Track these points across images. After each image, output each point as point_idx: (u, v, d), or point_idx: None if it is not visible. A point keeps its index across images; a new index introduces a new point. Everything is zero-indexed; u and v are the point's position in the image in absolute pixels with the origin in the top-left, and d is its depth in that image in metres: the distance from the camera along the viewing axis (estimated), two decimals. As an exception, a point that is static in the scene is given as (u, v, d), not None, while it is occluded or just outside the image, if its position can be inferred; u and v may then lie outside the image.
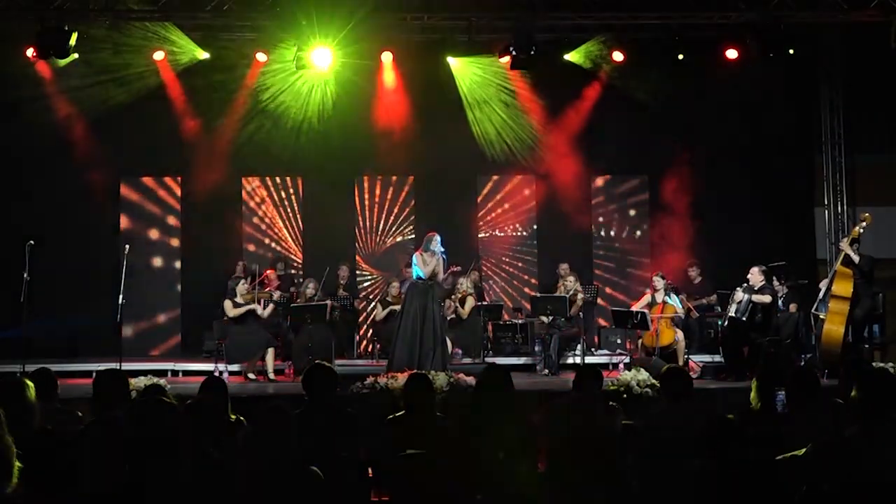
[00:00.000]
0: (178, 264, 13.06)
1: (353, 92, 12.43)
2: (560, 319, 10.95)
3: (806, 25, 11.12)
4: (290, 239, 13.30)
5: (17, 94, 11.51)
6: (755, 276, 10.05)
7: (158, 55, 11.64)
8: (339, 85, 12.32)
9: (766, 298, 9.90)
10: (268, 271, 11.57)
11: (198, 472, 3.30)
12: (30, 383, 4.18)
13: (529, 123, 12.80)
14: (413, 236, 13.11)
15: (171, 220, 13.11)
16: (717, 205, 12.67)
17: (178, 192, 13.11)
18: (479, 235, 13.35)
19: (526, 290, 13.12)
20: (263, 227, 13.26)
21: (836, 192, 12.89)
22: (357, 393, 8.58)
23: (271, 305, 10.62)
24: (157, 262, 13.04)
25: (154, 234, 13.06)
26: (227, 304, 10.39)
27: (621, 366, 10.65)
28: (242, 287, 10.53)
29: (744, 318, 9.93)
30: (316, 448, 4.09)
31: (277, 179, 13.26)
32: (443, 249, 9.83)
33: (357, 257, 13.22)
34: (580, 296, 11.32)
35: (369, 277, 13.33)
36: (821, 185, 12.99)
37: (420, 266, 9.82)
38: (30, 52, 10.74)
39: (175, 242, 13.10)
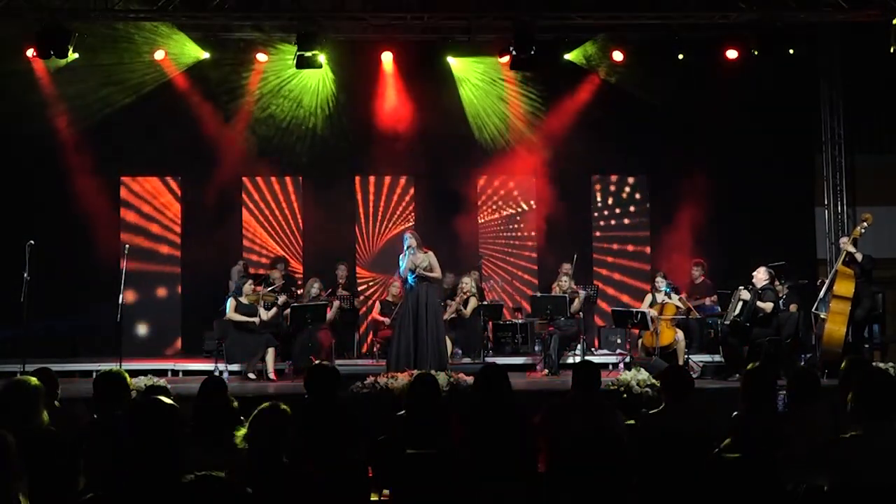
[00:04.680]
0: (177, 264, 13.05)
1: (353, 92, 12.45)
2: (560, 319, 10.95)
3: (806, 25, 11.12)
4: (289, 239, 13.29)
5: (16, 94, 11.50)
6: (760, 274, 10.04)
7: (158, 55, 11.64)
8: (339, 85, 12.33)
9: (769, 307, 9.89)
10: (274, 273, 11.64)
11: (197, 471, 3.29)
12: (36, 382, 4.17)
13: (529, 123, 12.80)
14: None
15: (171, 220, 13.09)
16: (716, 204, 12.66)
17: (178, 192, 13.10)
18: (479, 235, 13.34)
19: (527, 289, 13.11)
20: (263, 227, 13.25)
21: (836, 192, 12.89)
22: (357, 393, 8.59)
23: (274, 309, 10.61)
24: (157, 261, 13.02)
25: (154, 234, 13.04)
26: (231, 302, 10.39)
27: (621, 366, 10.66)
28: (248, 287, 10.53)
29: (748, 324, 9.93)
30: (316, 448, 4.09)
31: (277, 179, 13.26)
32: (407, 244, 9.82)
33: (356, 258, 13.21)
34: (581, 293, 11.33)
35: (369, 279, 13.32)
36: (821, 185, 12.99)
37: (401, 267, 9.86)
38: (30, 52, 10.74)
39: (175, 242, 13.09)
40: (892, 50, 10.31)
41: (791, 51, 10.88)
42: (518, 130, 12.83)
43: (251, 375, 10.35)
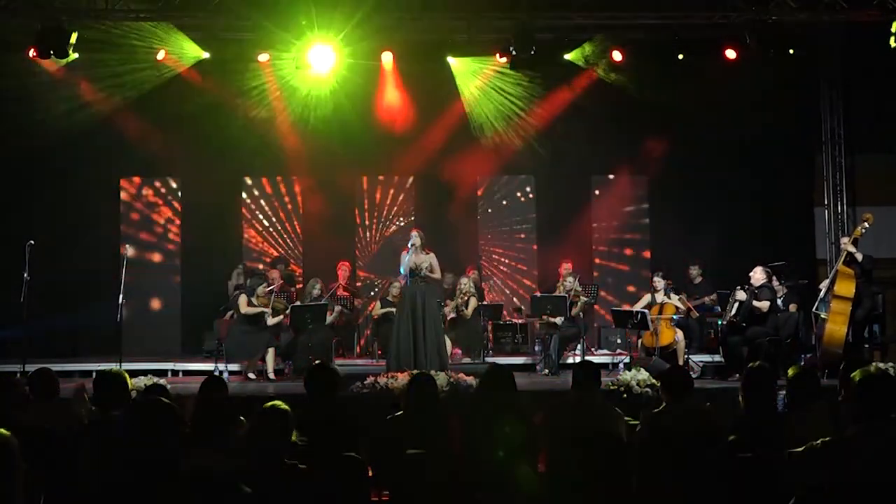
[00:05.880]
0: (177, 264, 13.06)
1: (353, 92, 12.42)
2: (560, 319, 10.94)
3: (806, 25, 11.11)
4: (289, 239, 13.29)
5: (17, 94, 11.50)
6: (757, 274, 10.06)
7: (159, 55, 11.63)
8: (339, 85, 12.31)
9: (766, 305, 9.89)
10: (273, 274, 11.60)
11: (197, 472, 3.29)
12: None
13: (529, 123, 12.79)
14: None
15: (171, 221, 13.10)
16: (716, 205, 12.67)
17: (178, 192, 13.10)
18: (480, 235, 13.34)
19: (527, 285, 13.11)
20: (263, 227, 13.26)
21: (836, 192, 12.89)
22: (357, 393, 8.59)
23: (281, 316, 10.59)
24: (157, 261, 13.03)
25: (154, 234, 13.05)
26: (243, 298, 10.38)
27: (621, 366, 10.66)
28: (262, 289, 10.50)
29: (744, 324, 9.93)
30: (316, 448, 4.09)
31: (277, 179, 13.26)
32: (411, 242, 9.82)
33: (356, 258, 13.21)
34: (582, 298, 11.31)
35: (366, 280, 13.32)
36: (821, 185, 12.99)
37: (403, 264, 9.85)
38: (30, 52, 10.73)
39: (175, 242, 13.10)
40: (892, 44, 10.29)
41: (791, 51, 10.87)
42: (518, 130, 12.82)
43: (251, 375, 10.36)
